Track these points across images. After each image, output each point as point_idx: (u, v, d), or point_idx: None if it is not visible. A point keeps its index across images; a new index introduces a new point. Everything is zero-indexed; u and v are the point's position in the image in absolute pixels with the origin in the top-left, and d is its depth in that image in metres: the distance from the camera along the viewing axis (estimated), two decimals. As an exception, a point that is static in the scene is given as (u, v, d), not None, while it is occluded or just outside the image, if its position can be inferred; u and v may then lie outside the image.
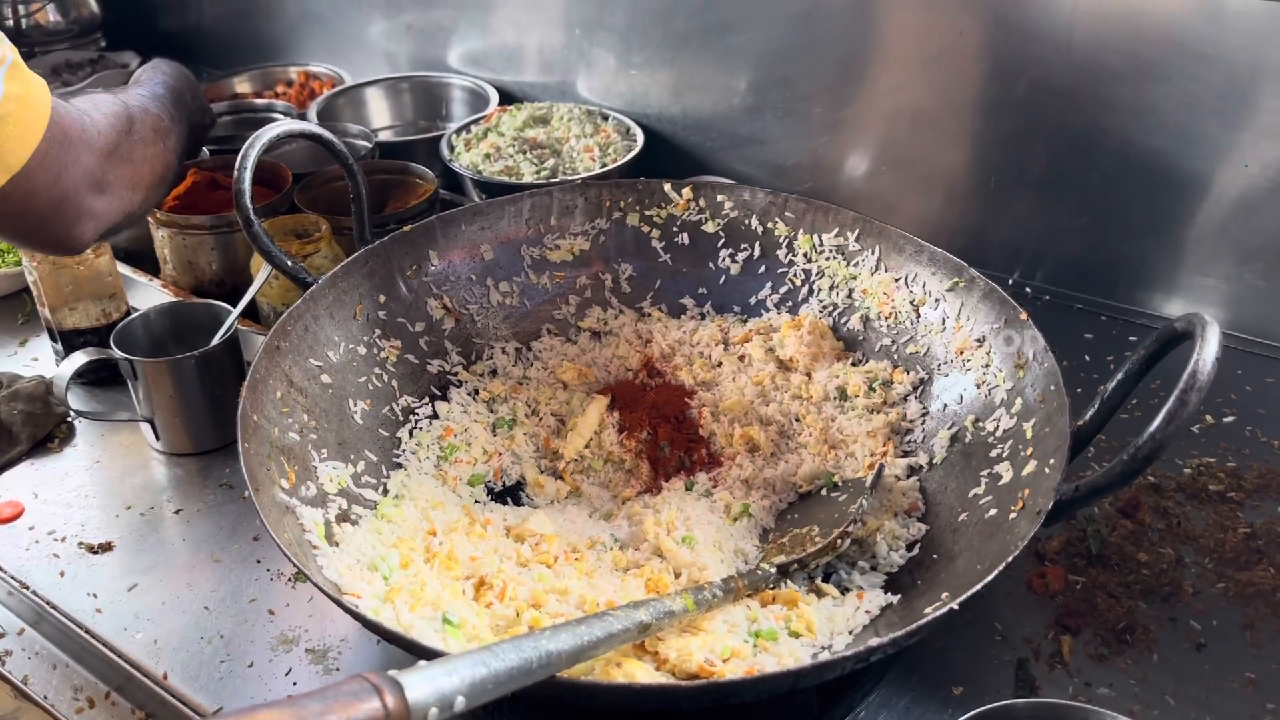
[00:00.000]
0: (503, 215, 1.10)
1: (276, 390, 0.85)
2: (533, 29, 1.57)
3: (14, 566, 0.95)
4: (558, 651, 0.59)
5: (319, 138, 0.96)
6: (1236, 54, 1.08)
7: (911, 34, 1.27)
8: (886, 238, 1.03)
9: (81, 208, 0.86)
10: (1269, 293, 1.17)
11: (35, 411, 1.10)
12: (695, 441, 1.00)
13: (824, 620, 0.77)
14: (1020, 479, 0.80)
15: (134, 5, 2.06)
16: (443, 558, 0.80)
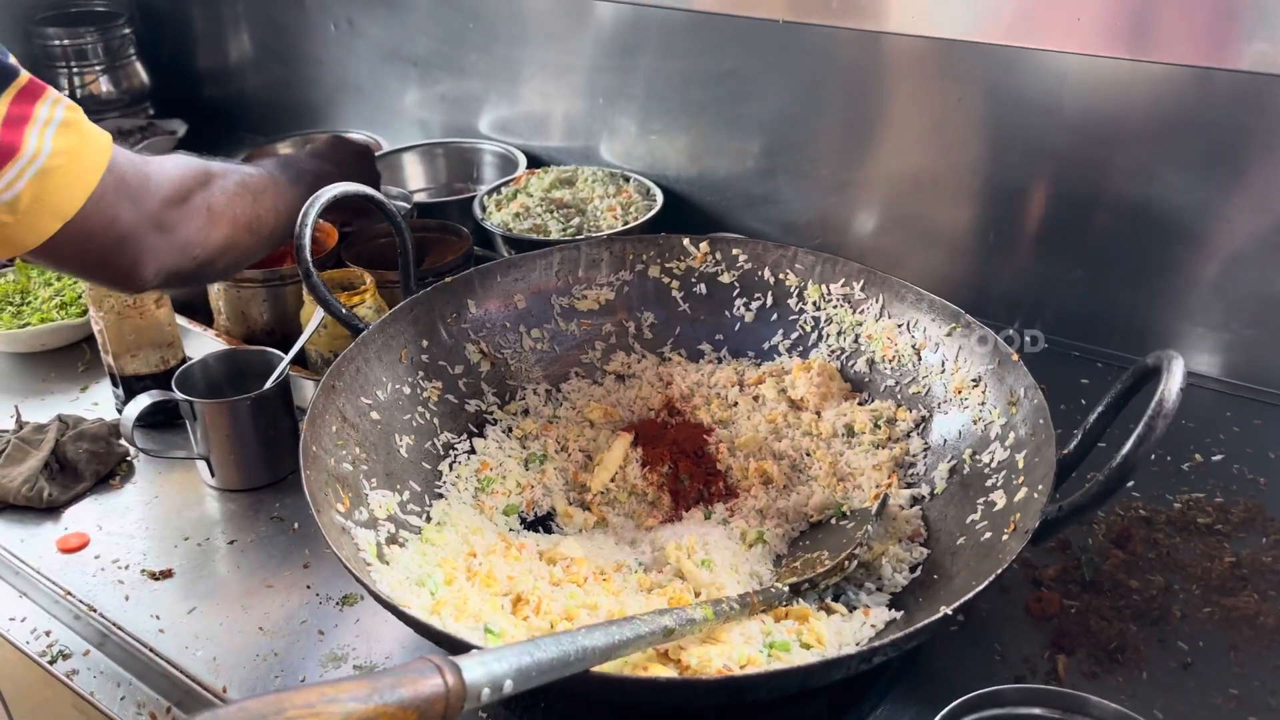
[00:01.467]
0: (535, 268, 1.17)
1: (332, 425, 0.93)
2: (558, 98, 1.66)
3: (82, 591, 1.02)
4: (592, 647, 0.66)
5: (371, 199, 1.05)
6: (1223, 119, 1.14)
7: (913, 102, 1.35)
8: (889, 287, 1.10)
9: (142, 247, 0.92)
10: (1255, 341, 1.23)
11: (99, 451, 1.18)
12: (713, 475, 1.06)
13: (833, 634, 0.83)
14: (1013, 505, 0.86)
15: (180, 76, 2.18)
16: (483, 576, 0.87)
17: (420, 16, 1.75)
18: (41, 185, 0.83)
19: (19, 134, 0.81)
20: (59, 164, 0.83)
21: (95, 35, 2.02)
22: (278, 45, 2.02)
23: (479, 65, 1.72)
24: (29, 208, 0.83)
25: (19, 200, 0.82)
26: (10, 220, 0.83)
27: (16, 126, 0.81)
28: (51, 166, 0.83)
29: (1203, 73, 1.12)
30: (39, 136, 0.82)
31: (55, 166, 0.83)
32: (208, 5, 2.09)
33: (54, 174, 0.83)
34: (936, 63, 1.29)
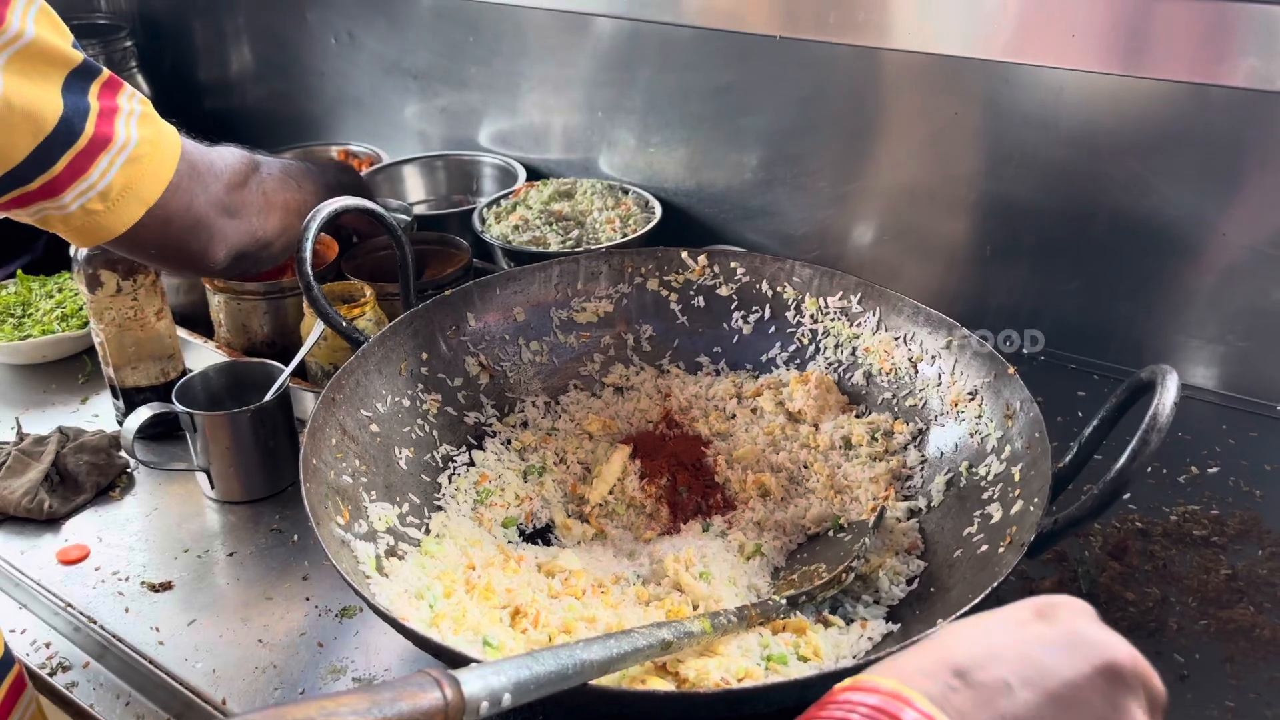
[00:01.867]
0: (534, 281, 1.18)
1: (332, 437, 0.93)
2: (558, 111, 1.67)
3: (82, 603, 1.02)
4: (590, 660, 0.66)
5: (372, 212, 1.06)
6: (1218, 133, 1.15)
7: (910, 115, 1.36)
8: (886, 300, 1.10)
9: (214, 229, 0.97)
10: (1250, 353, 1.23)
11: (99, 462, 1.18)
12: (711, 487, 1.06)
13: (830, 646, 0.83)
14: (1009, 517, 0.87)
15: (182, 88, 2.18)
16: (481, 589, 0.87)
17: (420, 30, 1.76)
18: (130, 173, 0.87)
19: (111, 124, 0.85)
20: (144, 152, 0.88)
21: (97, 48, 2.03)
22: (278, 58, 2.03)
23: (479, 78, 1.73)
24: (119, 195, 0.87)
25: (111, 188, 0.86)
26: (101, 208, 0.87)
27: (109, 118, 0.85)
28: (138, 155, 0.87)
29: (1197, 88, 1.12)
30: (126, 126, 0.86)
31: (142, 154, 0.88)
32: (209, 18, 2.10)
33: (140, 162, 0.88)
34: (933, 77, 1.30)
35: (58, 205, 0.86)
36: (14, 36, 0.78)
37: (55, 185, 0.84)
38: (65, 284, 1.50)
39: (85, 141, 0.83)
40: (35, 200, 0.85)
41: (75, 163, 0.84)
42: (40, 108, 0.80)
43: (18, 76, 0.79)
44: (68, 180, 0.84)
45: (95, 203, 0.87)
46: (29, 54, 0.80)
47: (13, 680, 0.90)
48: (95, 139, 0.84)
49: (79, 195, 0.85)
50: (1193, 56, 0.95)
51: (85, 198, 0.86)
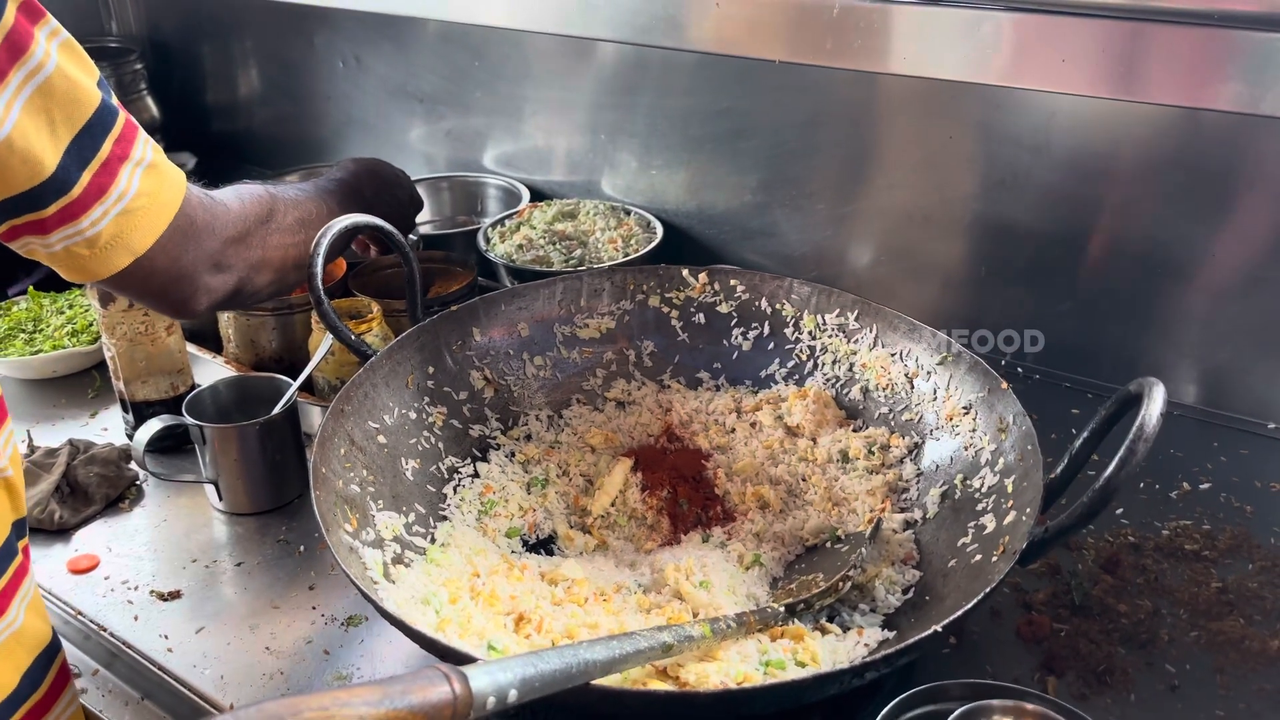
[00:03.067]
0: (538, 297, 1.20)
1: (341, 448, 0.95)
2: (561, 134, 1.69)
3: (92, 611, 1.03)
4: (593, 660, 0.68)
5: (380, 229, 1.08)
6: (1208, 156, 1.18)
7: (905, 139, 1.38)
8: (883, 317, 1.13)
9: (198, 284, 0.96)
10: (1240, 371, 1.25)
11: (109, 474, 1.20)
12: (711, 499, 1.08)
13: (827, 652, 0.85)
14: (1002, 528, 0.89)
15: (190, 110, 2.21)
16: (486, 596, 0.89)
17: (426, 54, 1.79)
18: (122, 224, 0.86)
19: (113, 174, 0.84)
20: (140, 205, 0.86)
21: (108, 70, 2.06)
22: (286, 81, 2.06)
23: (483, 102, 1.76)
24: (107, 244, 0.86)
25: (100, 236, 0.85)
26: (87, 253, 0.86)
27: (111, 169, 0.83)
28: (134, 207, 0.86)
29: (1186, 112, 1.15)
30: (129, 177, 0.85)
31: (137, 207, 0.86)
32: (218, 42, 2.14)
33: (135, 214, 0.86)
34: (928, 102, 1.32)
35: (43, 243, 0.84)
36: (38, 66, 0.77)
37: (43, 226, 0.83)
38: (76, 300, 1.53)
39: (80, 192, 0.82)
40: (23, 234, 0.84)
41: (66, 210, 0.82)
42: (41, 155, 0.78)
43: (33, 117, 0.77)
44: (56, 224, 0.83)
45: (81, 248, 0.85)
46: (50, 89, 0.78)
47: (60, 667, 0.91)
48: (90, 189, 0.82)
49: (66, 238, 0.84)
50: (1180, 81, 0.98)
51: (71, 241, 0.84)
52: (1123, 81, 1.00)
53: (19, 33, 0.75)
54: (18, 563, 0.84)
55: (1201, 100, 1.01)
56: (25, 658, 0.85)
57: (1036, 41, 0.99)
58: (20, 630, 0.83)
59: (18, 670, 0.84)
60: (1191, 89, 1.02)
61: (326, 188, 1.18)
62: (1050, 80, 1.01)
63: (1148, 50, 1.00)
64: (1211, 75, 1.00)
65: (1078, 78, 0.99)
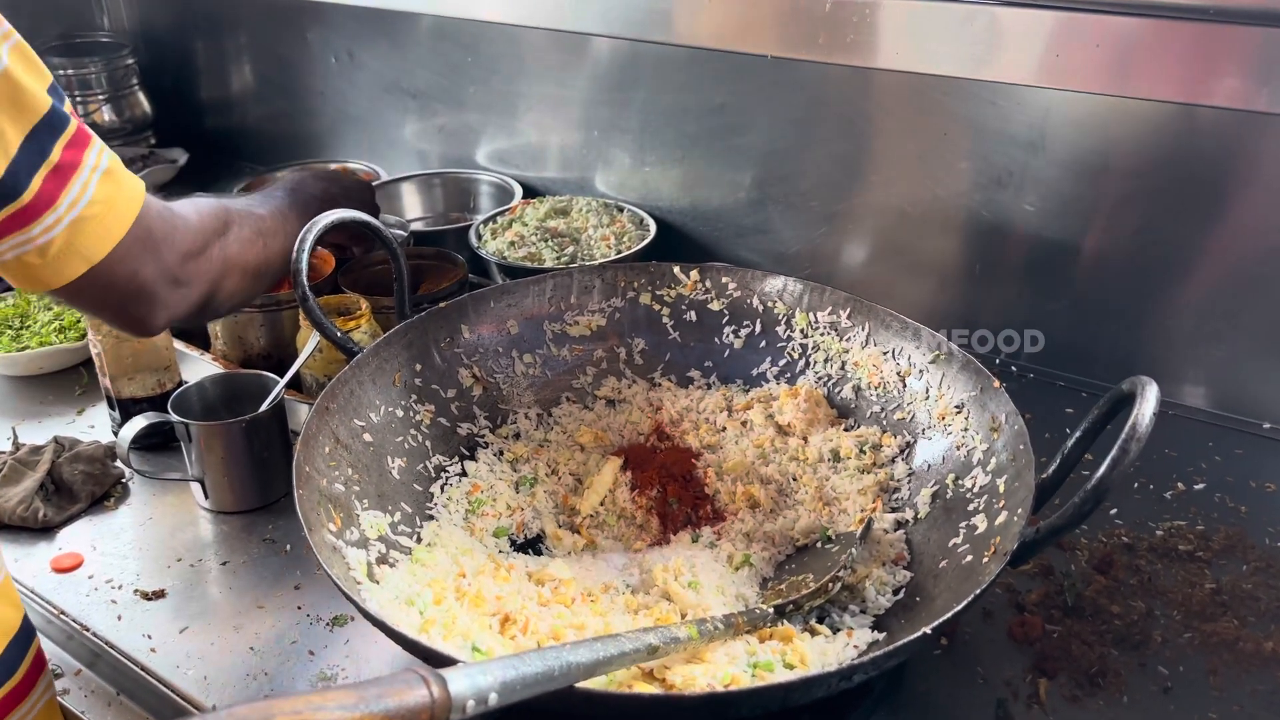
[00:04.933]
0: (528, 294, 1.19)
1: (325, 446, 0.94)
2: (554, 130, 1.69)
3: (75, 611, 1.02)
4: (577, 663, 0.67)
5: (368, 225, 1.07)
6: (1206, 155, 1.17)
7: (899, 135, 1.38)
8: (875, 315, 1.12)
9: (156, 299, 0.93)
10: (1236, 371, 1.25)
11: (95, 472, 1.19)
12: (701, 498, 1.07)
13: (816, 654, 0.84)
14: (993, 528, 0.88)
15: (183, 106, 2.21)
16: (471, 596, 0.88)
17: (420, 50, 1.78)
18: (75, 231, 0.83)
19: (63, 182, 0.82)
20: (95, 212, 0.84)
21: (99, 65, 2.05)
22: (279, 77, 2.06)
23: (477, 98, 1.75)
24: (59, 252, 0.83)
25: (51, 245, 0.82)
26: (38, 262, 0.83)
27: (64, 174, 0.81)
28: (88, 215, 0.84)
29: (1182, 108, 1.14)
30: (83, 184, 0.83)
31: (91, 215, 0.84)
32: (210, 37, 2.13)
33: (89, 222, 0.84)
34: (923, 97, 1.32)
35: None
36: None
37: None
38: (64, 297, 1.52)
39: (30, 197, 0.80)
40: None
41: (15, 216, 0.80)
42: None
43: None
44: (6, 230, 0.81)
45: (33, 256, 0.83)
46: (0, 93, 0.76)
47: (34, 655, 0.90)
48: (41, 195, 0.80)
49: (15, 247, 0.82)
50: (1174, 77, 0.97)
51: (22, 249, 0.82)
52: (1116, 77, 1.00)
53: None
54: None
55: (1195, 96, 1.01)
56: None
57: (1029, 37, 0.98)
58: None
59: None
60: (1184, 85, 1.01)
61: (275, 193, 1.17)
62: (1044, 76, 1.01)
63: (1140, 46, 0.99)
64: (1204, 71, 0.99)
65: (1071, 74, 0.98)
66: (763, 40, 1.16)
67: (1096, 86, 0.98)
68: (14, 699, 0.85)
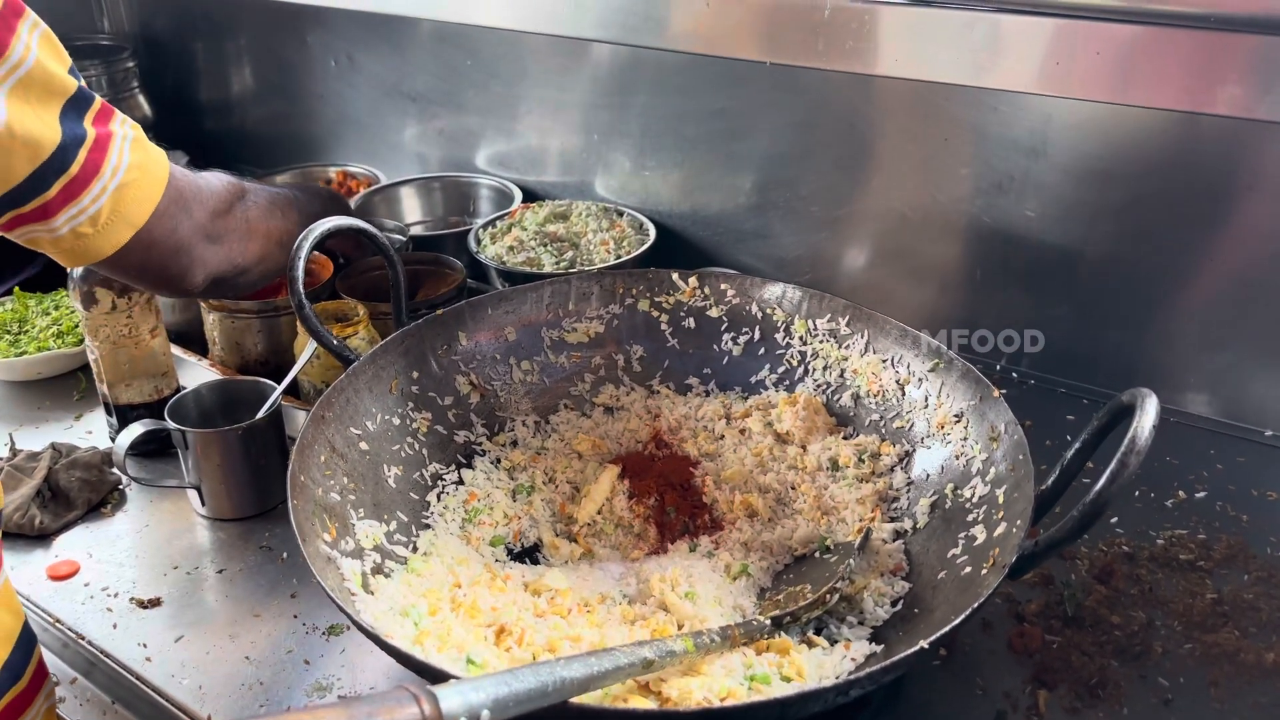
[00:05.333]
0: (525, 301, 1.19)
1: (321, 455, 0.94)
2: (554, 134, 1.68)
3: (71, 619, 1.02)
4: (571, 678, 0.67)
5: (365, 232, 1.07)
6: (1207, 162, 1.17)
7: (900, 141, 1.37)
8: (874, 323, 1.11)
9: (194, 255, 0.99)
10: (1238, 378, 1.24)
11: (91, 479, 1.18)
12: (699, 507, 1.07)
13: (813, 667, 0.83)
14: (992, 539, 0.87)
15: (183, 109, 2.21)
16: (467, 607, 0.88)
17: (420, 54, 1.78)
18: (119, 198, 0.89)
19: (104, 151, 0.87)
20: (133, 178, 0.90)
21: (99, 68, 2.05)
22: (279, 80, 2.06)
23: (477, 102, 1.75)
24: (108, 219, 0.89)
25: (100, 213, 0.88)
26: (90, 231, 0.89)
27: (102, 145, 0.87)
28: (128, 180, 0.89)
29: (1185, 115, 1.14)
30: (118, 153, 0.89)
31: (130, 180, 0.90)
32: (210, 40, 2.13)
33: (129, 187, 0.90)
34: (924, 103, 1.31)
35: (48, 228, 0.87)
36: (16, 63, 0.80)
37: (48, 209, 0.86)
38: (62, 301, 1.51)
39: (78, 168, 0.85)
40: (27, 222, 0.87)
41: (68, 188, 0.86)
42: (39, 135, 0.82)
43: (20, 103, 0.81)
44: (60, 204, 0.86)
45: (85, 226, 0.89)
46: (30, 81, 0.81)
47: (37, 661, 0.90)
48: (88, 165, 0.86)
49: (70, 219, 0.87)
50: (1174, 85, 0.96)
51: (76, 221, 0.88)
52: (1116, 85, 0.99)
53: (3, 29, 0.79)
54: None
55: (1196, 104, 1.00)
56: (2, 651, 0.84)
57: (1028, 44, 0.98)
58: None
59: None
60: (1185, 93, 1.00)
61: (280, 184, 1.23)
62: (1044, 84, 1.00)
63: (1140, 54, 0.98)
64: (1205, 79, 0.98)
65: (1070, 81, 0.97)
66: (760, 47, 1.15)
67: (1097, 94, 0.97)
68: (20, 704, 0.86)
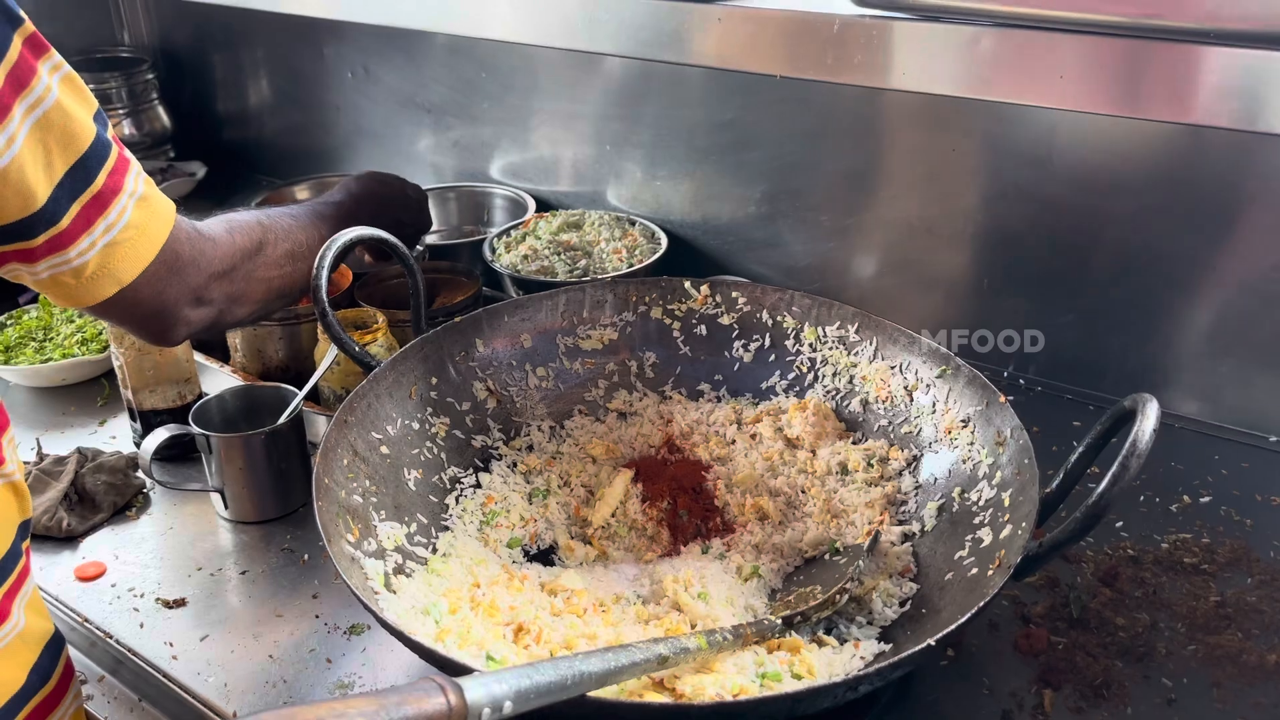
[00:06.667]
0: (541, 308, 1.21)
1: (344, 458, 0.96)
2: (567, 145, 1.71)
3: (98, 618, 1.05)
4: (589, 672, 0.69)
5: (385, 241, 1.09)
6: (1210, 173, 1.18)
7: (909, 151, 1.39)
8: (883, 330, 1.13)
9: (178, 316, 0.97)
10: (1242, 385, 1.26)
11: (117, 483, 1.21)
12: (711, 510, 1.09)
13: (824, 665, 0.85)
14: (998, 541, 0.89)
15: (201, 120, 2.24)
16: (486, 606, 0.90)
17: (435, 66, 1.81)
18: (109, 255, 0.87)
19: (104, 207, 0.85)
20: (128, 237, 0.88)
21: (120, 80, 2.09)
22: (296, 91, 2.08)
23: (491, 113, 1.77)
24: (94, 274, 0.87)
25: (86, 266, 0.86)
26: (73, 283, 0.87)
27: (103, 201, 0.85)
28: (121, 239, 0.87)
29: (1189, 127, 1.15)
30: (120, 210, 0.86)
31: (125, 239, 0.87)
32: (228, 52, 2.16)
33: (121, 246, 0.88)
34: (931, 115, 1.33)
35: (30, 270, 0.86)
36: (38, 99, 0.78)
37: (31, 255, 0.84)
38: (86, 309, 1.54)
39: (68, 223, 0.83)
40: (9, 260, 0.85)
41: (54, 240, 0.83)
42: (34, 188, 0.80)
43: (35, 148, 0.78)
44: (43, 253, 0.84)
45: (68, 277, 0.86)
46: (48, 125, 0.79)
47: (65, 662, 0.92)
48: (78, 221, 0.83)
49: (52, 267, 0.85)
50: (1179, 99, 0.98)
51: (58, 270, 0.86)
52: (1119, 98, 1.01)
53: (23, 67, 0.77)
54: (21, 565, 0.85)
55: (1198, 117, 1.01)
56: (30, 654, 0.86)
57: (1033, 58, 1.00)
58: (24, 630, 0.85)
59: (24, 667, 0.85)
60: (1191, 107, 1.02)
61: (322, 213, 1.19)
62: (1048, 96, 1.02)
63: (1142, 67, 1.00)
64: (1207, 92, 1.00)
65: (1075, 94, 0.99)
66: (771, 60, 1.17)
67: (1102, 108, 0.99)
68: (49, 705, 0.88)
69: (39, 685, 0.87)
